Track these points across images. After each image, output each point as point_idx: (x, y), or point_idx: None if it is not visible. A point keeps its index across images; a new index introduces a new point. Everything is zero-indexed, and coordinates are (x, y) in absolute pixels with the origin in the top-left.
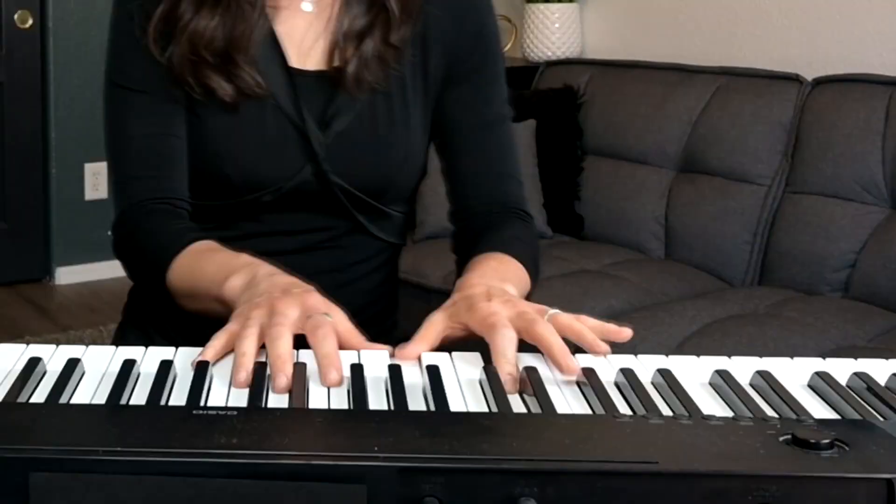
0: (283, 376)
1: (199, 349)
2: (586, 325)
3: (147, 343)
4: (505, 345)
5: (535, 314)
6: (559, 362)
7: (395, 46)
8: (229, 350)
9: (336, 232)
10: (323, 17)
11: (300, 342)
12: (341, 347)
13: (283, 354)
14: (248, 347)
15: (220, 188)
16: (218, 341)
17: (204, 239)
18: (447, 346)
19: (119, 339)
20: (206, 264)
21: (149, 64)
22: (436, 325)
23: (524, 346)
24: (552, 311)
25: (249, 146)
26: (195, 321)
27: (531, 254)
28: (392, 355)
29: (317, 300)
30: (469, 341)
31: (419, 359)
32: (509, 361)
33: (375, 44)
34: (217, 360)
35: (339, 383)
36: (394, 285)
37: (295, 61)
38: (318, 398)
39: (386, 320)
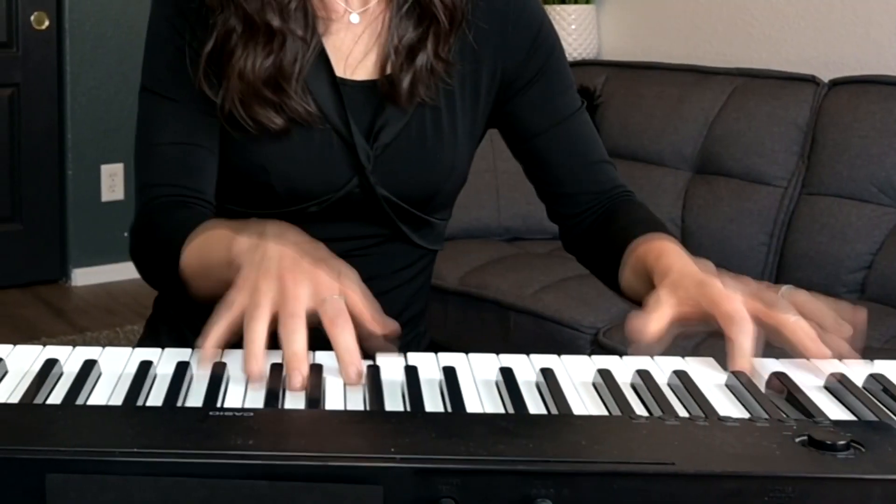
0: (299, 375)
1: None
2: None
3: (177, 337)
4: (744, 340)
5: (772, 294)
6: (807, 346)
7: (446, 60)
8: (237, 328)
9: (378, 240)
10: (371, 29)
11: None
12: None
13: (300, 353)
14: (259, 333)
15: (265, 199)
16: (223, 321)
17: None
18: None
19: (149, 333)
20: (216, 236)
21: (182, 72)
22: (667, 300)
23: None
24: (784, 287)
25: (296, 159)
26: None
27: (670, 231)
28: (631, 335)
29: (327, 279)
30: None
31: (436, 358)
32: (748, 358)
33: (427, 57)
34: (224, 345)
35: (360, 380)
36: (426, 292)
37: (341, 73)
38: (334, 399)
39: (419, 324)
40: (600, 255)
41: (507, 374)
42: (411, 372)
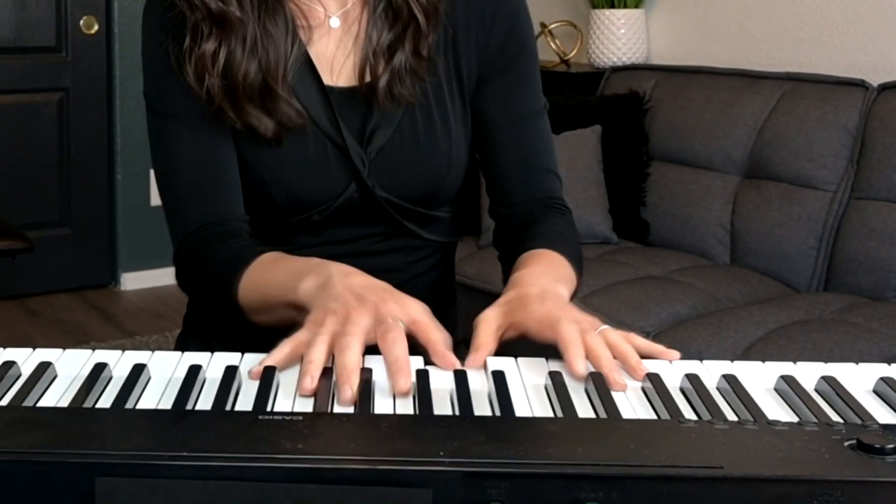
0: (349, 388)
1: (263, 355)
2: (634, 344)
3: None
4: (572, 334)
5: (587, 324)
6: (607, 377)
7: (427, 58)
8: (295, 358)
9: (386, 237)
10: (351, 33)
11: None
12: (418, 340)
13: (350, 365)
14: (317, 355)
15: (269, 211)
16: (284, 348)
17: (268, 251)
18: (501, 347)
19: (179, 348)
20: (275, 272)
21: (184, 89)
22: (490, 324)
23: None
24: (603, 326)
25: (293, 170)
26: (256, 332)
27: (576, 250)
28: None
29: (392, 307)
30: (526, 343)
31: (485, 364)
32: (579, 347)
33: (406, 57)
34: (282, 369)
35: (409, 391)
36: (450, 283)
37: (329, 79)
38: (383, 403)
39: (443, 317)
40: (506, 258)
41: (556, 377)
42: (460, 376)
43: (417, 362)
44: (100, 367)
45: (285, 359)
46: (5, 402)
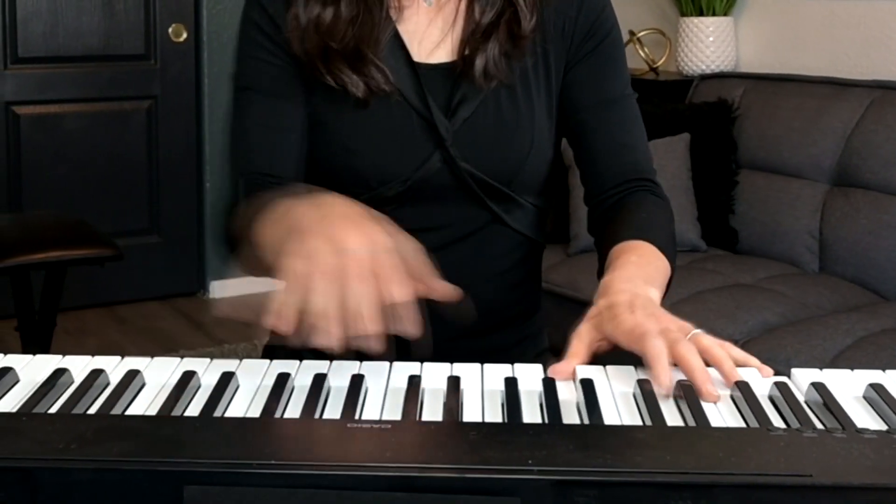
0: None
1: (352, 363)
2: (729, 354)
3: (295, 359)
4: (657, 351)
5: (678, 332)
6: (699, 387)
7: (523, 38)
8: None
9: (472, 225)
10: (446, 12)
11: (462, 356)
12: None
13: (368, 319)
14: (321, 305)
15: (352, 183)
16: (290, 300)
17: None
18: (593, 360)
19: (267, 356)
20: (282, 204)
21: (265, 66)
22: (583, 338)
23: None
24: (695, 330)
25: (377, 139)
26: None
27: (668, 234)
28: (550, 373)
29: (392, 279)
30: (620, 353)
31: (574, 372)
32: (664, 365)
33: (503, 38)
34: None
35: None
36: (535, 287)
37: (417, 56)
38: (471, 411)
39: (527, 323)
40: (600, 246)
41: (644, 385)
42: (549, 384)
43: (504, 370)
44: (188, 376)
45: (295, 316)
46: (94, 410)
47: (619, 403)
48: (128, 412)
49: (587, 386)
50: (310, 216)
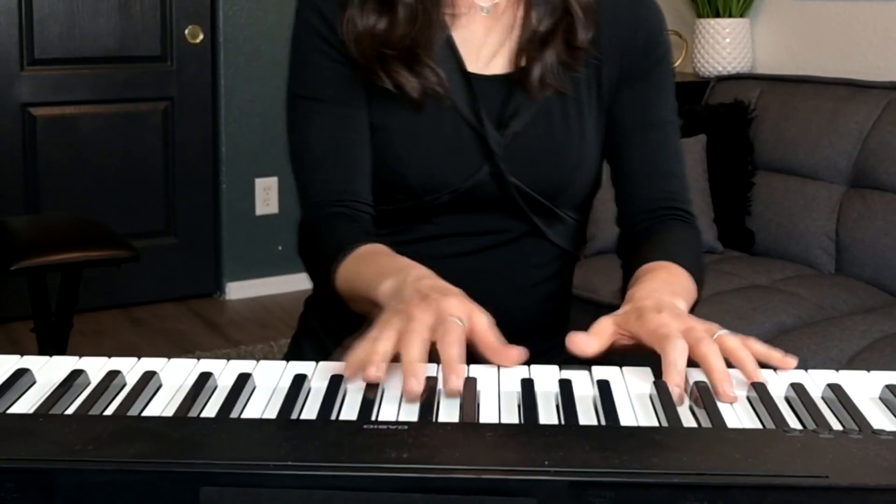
0: (414, 380)
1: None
2: (752, 349)
3: (321, 353)
4: (676, 356)
5: (703, 332)
6: (716, 387)
7: (579, 48)
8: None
9: (512, 234)
10: (502, 21)
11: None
12: (475, 347)
13: (412, 358)
14: (382, 348)
15: (399, 190)
16: (360, 350)
17: (375, 243)
18: (614, 354)
19: (293, 349)
20: (366, 267)
21: (327, 72)
22: (606, 326)
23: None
24: (721, 331)
25: (428, 148)
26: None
27: (697, 260)
28: (569, 342)
29: (453, 304)
30: (639, 353)
31: (590, 372)
32: (679, 372)
33: (559, 48)
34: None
35: (458, 391)
36: (566, 300)
37: (472, 66)
38: (488, 413)
39: (556, 335)
40: (626, 268)
41: (660, 386)
42: (565, 385)
43: (521, 372)
44: (205, 377)
45: (358, 364)
46: (110, 411)
47: (635, 404)
48: (144, 413)
49: (603, 387)
50: (416, 280)
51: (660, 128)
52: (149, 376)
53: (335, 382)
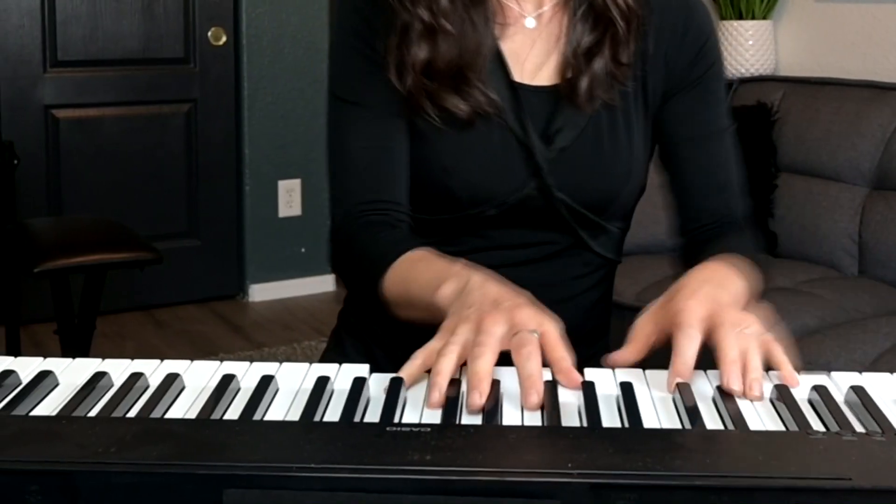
0: (478, 394)
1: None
2: (771, 355)
3: (363, 349)
4: (684, 344)
5: (727, 320)
6: (722, 377)
7: (625, 63)
8: (427, 367)
9: (557, 247)
10: (547, 34)
11: (505, 358)
12: (546, 358)
13: (481, 372)
14: (446, 366)
15: (445, 203)
16: (417, 360)
17: (420, 247)
18: (663, 350)
19: (334, 344)
20: (420, 271)
21: (370, 77)
22: (643, 329)
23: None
24: (752, 327)
25: (475, 161)
26: (410, 330)
27: (752, 255)
28: (605, 364)
29: (526, 315)
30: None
31: (614, 374)
32: (683, 362)
33: (606, 61)
34: (415, 382)
35: (539, 407)
36: (608, 306)
37: (519, 77)
38: (511, 415)
39: (598, 341)
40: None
41: (683, 389)
42: (588, 387)
43: (544, 374)
44: (228, 379)
45: (418, 371)
46: (133, 413)
47: (658, 407)
48: (167, 415)
49: (626, 389)
50: (481, 285)
51: (715, 136)
52: (172, 378)
53: (358, 385)
